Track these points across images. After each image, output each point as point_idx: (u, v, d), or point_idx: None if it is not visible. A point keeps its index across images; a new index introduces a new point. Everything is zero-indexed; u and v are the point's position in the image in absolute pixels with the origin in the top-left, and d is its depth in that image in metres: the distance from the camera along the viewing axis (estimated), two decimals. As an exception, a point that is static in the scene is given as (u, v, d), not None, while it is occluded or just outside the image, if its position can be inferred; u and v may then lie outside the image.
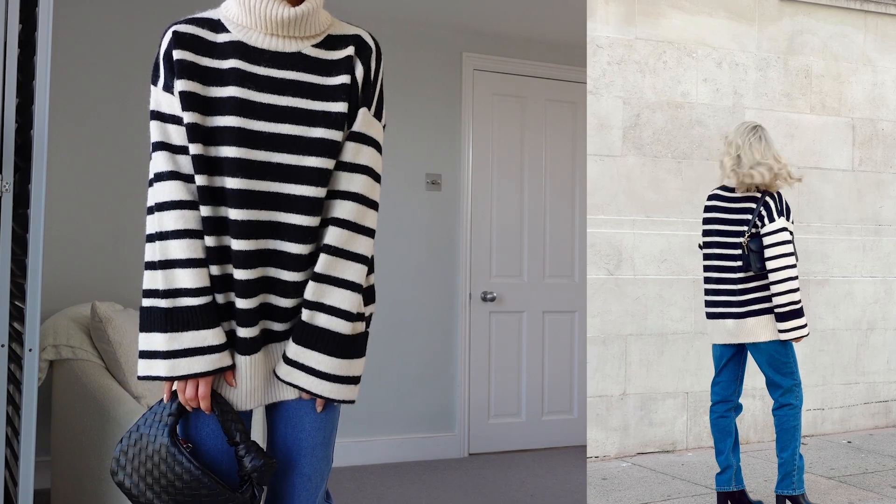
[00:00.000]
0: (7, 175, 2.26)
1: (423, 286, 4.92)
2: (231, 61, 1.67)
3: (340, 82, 1.70)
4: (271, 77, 1.67)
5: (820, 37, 4.70)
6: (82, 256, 4.12)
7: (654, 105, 4.30)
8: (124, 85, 4.23)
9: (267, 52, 1.68)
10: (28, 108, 2.35)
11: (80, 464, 3.38)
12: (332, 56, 1.73)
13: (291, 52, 1.70)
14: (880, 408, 4.88)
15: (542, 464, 4.82)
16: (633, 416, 4.22)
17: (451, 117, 5.03)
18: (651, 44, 4.30)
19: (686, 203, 4.34)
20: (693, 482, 3.71)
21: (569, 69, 5.26)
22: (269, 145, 1.64)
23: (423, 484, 4.32)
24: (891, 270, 4.89)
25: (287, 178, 1.65)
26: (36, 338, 2.32)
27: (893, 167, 4.92)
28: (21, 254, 2.37)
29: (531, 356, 5.23)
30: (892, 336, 4.90)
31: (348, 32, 1.78)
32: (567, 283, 5.33)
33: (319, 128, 1.66)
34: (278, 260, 1.68)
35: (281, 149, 1.64)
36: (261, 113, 1.65)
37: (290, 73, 1.68)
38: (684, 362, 4.33)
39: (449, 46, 5.01)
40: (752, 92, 4.52)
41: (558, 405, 5.30)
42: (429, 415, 4.92)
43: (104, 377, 3.43)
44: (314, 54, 1.71)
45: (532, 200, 5.26)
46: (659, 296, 4.28)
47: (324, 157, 1.66)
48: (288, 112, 1.66)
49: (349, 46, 1.75)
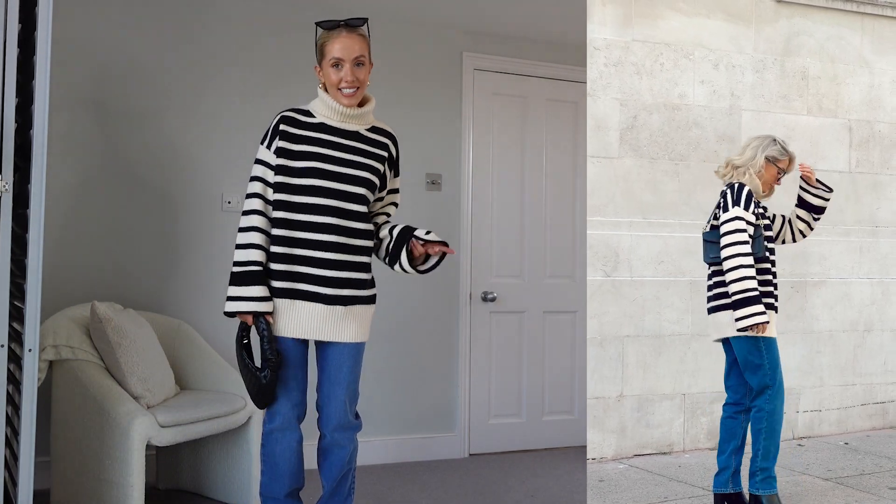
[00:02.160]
0: (7, 175, 2.26)
1: (423, 286, 4.91)
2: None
3: (379, 152, 2.90)
4: (343, 143, 2.81)
5: (816, 38, 4.70)
6: (82, 256, 4.12)
7: (651, 107, 4.30)
8: (124, 85, 4.23)
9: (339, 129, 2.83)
10: (27, 108, 2.35)
11: (80, 464, 3.37)
12: (376, 137, 2.90)
13: (353, 130, 2.85)
14: (877, 409, 4.88)
15: (542, 464, 4.82)
16: (630, 417, 4.22)
17: (451, 117, 5.02)
18: (648, 45, 4.30)
19: (683, 205, 4.34)
20: (690, 484, 3.71)
21: (569, 69, 5.26)
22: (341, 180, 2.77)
23: (423, 484, 4.32)
24: (888, 272, 4.89)
25: (346, 199, 2.77)
26: (36, 338, 2.32)
27: (890, 168, 4.92)
28: (21, 254, 2.37)
29: (531, 356, 5.23)
30: (889, 337, 4.90)
31: (385, 128, 2.95)
32: (567, 284, 5.33)
33: (366, 172, 2.82)
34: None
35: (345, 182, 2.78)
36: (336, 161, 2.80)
37: (352, 142, 2.82)
38: (682, 364, 4.33)
39: (449, 46, 5.01)
40: (748, 94, 4.52)
41: (558, 405, 5.29)
42: (429, 415, 4.92)
43: (104, 377, 3.43)
44: (366, 134, 2.88)
45: (532, 200, 5.26)
46: (656, 297, 4.28)
47: (366, 189, 2.82)
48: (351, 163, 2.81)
49: (385, 136, 2.94)
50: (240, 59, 4.43)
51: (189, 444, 3.86)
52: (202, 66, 4.39)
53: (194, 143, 4.33)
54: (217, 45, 4.42)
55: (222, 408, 3.56)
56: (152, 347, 3.66)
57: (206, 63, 4.39)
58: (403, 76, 4.86)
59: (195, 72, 4.37)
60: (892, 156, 4.93)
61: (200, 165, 4.37)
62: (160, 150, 4.31)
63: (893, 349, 4.91)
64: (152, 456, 3.92)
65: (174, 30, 4.32)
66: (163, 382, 3.60)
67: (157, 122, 4.30)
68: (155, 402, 3.47)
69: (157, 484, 4.01)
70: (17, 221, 2.37)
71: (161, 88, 4.31)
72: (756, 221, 3.10)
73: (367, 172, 2.79)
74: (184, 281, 4.31)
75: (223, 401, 3.60)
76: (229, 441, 3.74)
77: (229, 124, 4.40)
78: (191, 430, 3.43)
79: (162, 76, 4.30)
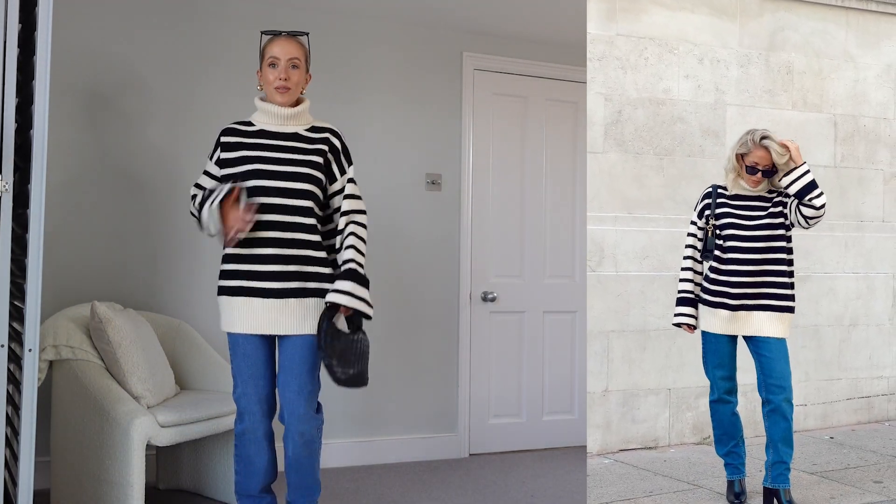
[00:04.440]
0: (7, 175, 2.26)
1: (423, 286, 4.91)
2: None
3: (320, 146, 3.01)
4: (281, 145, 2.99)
5: (801, 33, 4.70)
6: (82, 256, 4.12)
7: (636, 101, 4.29)
8: (124, 85, 4.23)
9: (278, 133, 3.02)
10: (27, 108, 2.35)
11: (80, 464, 3.37)
12: (315, 135, 3.03)
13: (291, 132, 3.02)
14: (862, 403, 4.88)
15: (542, 464, 4.82)
16: (615, 412, 4.22)
17: (451, 117, 5.02)
18: (632, 40, 4.29)
19: (668, 200, 4.34)
20: (675, 478, 3.71)
21: (569, 69, 5.26)
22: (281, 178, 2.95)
23: (424, 484, 4.32)
24: (873, 266, 4.89)
25: (290, 195, 2.93)
26: (36, 338, 2.32)
27: (875, 163, 4.91)
28: (21, 254, 2.37)
29: (531, 356, 5.23)
30: (874, 332, 4.90)
31: (325, 125, 3.06)
32: (567, 283, 5.33)
33: (307, 168, 2.96)
34: None
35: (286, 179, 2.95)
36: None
37: (291, 143, 2.99)
38: (667, 359, 4.32)
39: (449, 46, 5.01)
40: (733, 88, 4.51)
41: (558, 405, 5.29)
42: (429, 415, 4.92)
43: (104, 377, 3.43)
44: (306, 133, 3.03)
45: (532, 200, 5.26)
46: (641, 292, 4.28)
47: (310, 184, 2.95)
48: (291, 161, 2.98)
49: (325, 132, 3.05)
50: (236, 60, 4.43)
51: (189, 444, 3.86)
52: (199, 67, 4.39)
53: (194, 142, 4.33)
54: (214, 46, 4.42)
55: (222, 408, 3.56)
56: (152, 347, 3.66)
57: (203, 63, 4.40)
58: (403, 76, 4.86)
59: (193, 72, 4.37)
60: (877, 150, 4.92)
61: (200, 165, 4.36)
62: (160, 150, 4.31)
63: (878, 344, 4.91)
64: (152, 456, 3.92)
65: (170, 31, 4.32)
66: (163, 382, 3.60)
67: (157, 122, 4.30)
68: (155, 402, 3.47)
69: (157, 484, 4.01)
70: (17, 221, 2.37)
71: (161, 88, 4.31)
72: (703, 225, 3.34)
73: (307, 168, 2.93)
74: (184, 281, 4.31)
75: (223, 401, 3.60)
76: (229, 441, 3.74)
77: (227, 124, 4.38)
78: (191, 430, 3.43)
79: (161, 76, 4.30)
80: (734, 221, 3.26)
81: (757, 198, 3.27)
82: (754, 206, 3.27)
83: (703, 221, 3.33)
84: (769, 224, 3.23)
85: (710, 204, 3.32)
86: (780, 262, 3.24)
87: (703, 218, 3.34)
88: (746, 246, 3.23)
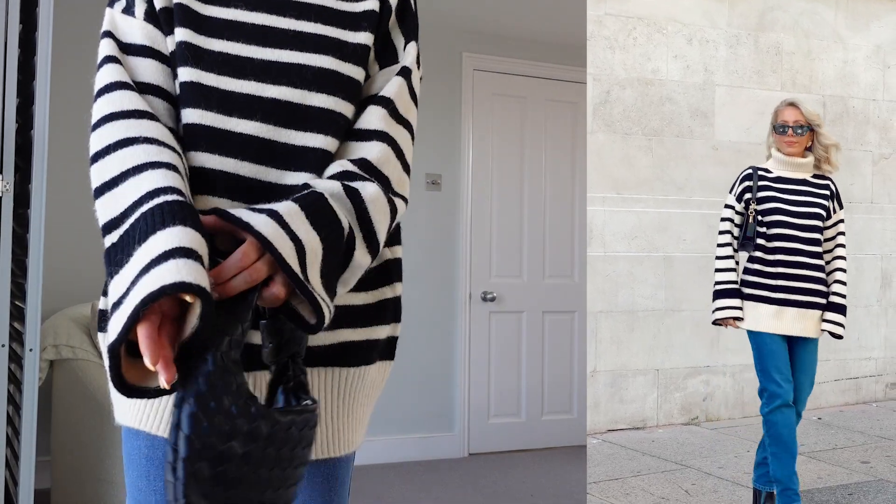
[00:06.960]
0: (7, 175, 2.27)
1: (423, 286, 4.92)
2: None
3: (364, 9, 1.34)
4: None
5: (790, 14, 4.68)
6: (82, 256, 4.12)
7: (624, 82, 4.28)
8: (124, 85, 4.23)
9: None
10: (28, 108, 2.35)
11: (80, 464, 3.38)
12: None
13: None
14: (850, 385, 4.88)
15: (542, 464, 4.82)
16: (603, 392, 4.22)
17: (451, 117, 5.02)
18: (621, 20, 4.27)
19: (657, 180, 4.33)
20: (663, 458, 3.73)
21: (569, 69, 5.26)
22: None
23: (423, 484, 4.32)
24: (861, 248, 4.88)
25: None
26: (36, 338, 2.32)
27: (864, 144, 4.91)
28: (21, 254, 2.37)
29: (531, 356, 5.23)
30: (862, 314, 4.89)
31: None
32: (567, 283, 5.33)
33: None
34: None
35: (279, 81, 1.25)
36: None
37: None
38: (655, 339, 4.32)
39: (449, 46, 5.01)
40: (722, 69, 4.50)
41: (558, 405, 5.30)
42: (429, 415, 4.92)
43: (104, 377, 3.43)
44: None
45: (532, 200, 5.26)
46: (629, 273, 4.27)
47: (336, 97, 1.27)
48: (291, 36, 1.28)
49: None
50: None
51: (189, 444, 3.86)
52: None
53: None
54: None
55: (222, 407, 3.56)
56: (152, 347, 3.66)
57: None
58: (403, 76, 4.86)
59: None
60: (866, 132, 4.91)
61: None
62: (160, 150, 4.31)
63: (866, 325, 4.90)
64: (152, 456, 3.93)
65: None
66: (163, 382, 3.60)
67: (157, 122, 4.30)
68: (155, 401, 3.47)
69: (157, 483, 4.01)
70: (18, 221, 2.37)
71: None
72: (742, 209, 2.96)
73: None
74: (184, 281, 4.31)
75: (223, 400, 3.60)
76: (229, 441, 3.74)
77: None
78: (191, 430, 3.43)
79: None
80: (781, 206, 2.92)
81: (803, 181, 2.97)
82: (802, 189, 2.96)
83: (743, 206, 2.95)
84: (817, 214, 2.95)
85: (751, 187, 2.95)
86: (821, 255, 3.00)
87: (743, 202, 2.95)
88: (798, 235, 2.93)
